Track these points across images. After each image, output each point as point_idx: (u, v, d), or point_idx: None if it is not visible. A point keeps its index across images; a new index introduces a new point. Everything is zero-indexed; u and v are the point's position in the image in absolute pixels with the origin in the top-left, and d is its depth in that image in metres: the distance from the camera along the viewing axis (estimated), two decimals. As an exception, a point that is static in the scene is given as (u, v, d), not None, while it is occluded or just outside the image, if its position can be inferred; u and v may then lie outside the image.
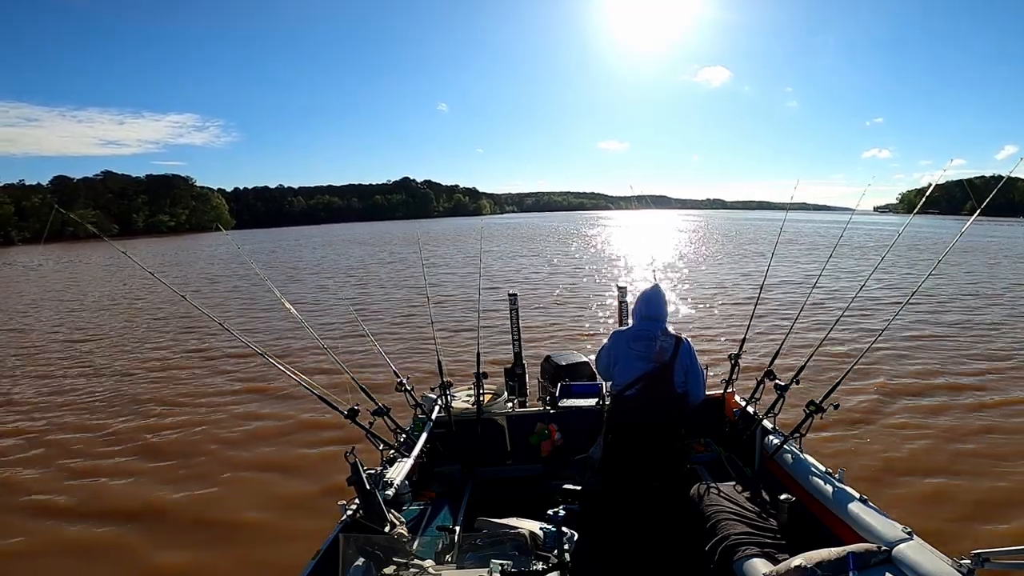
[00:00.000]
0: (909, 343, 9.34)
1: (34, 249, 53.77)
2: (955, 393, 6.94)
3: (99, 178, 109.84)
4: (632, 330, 2.92)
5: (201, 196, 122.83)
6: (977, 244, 32.18)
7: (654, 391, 2.75)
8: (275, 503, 4.77)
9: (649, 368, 2.75)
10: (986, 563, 1.68)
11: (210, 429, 6.41)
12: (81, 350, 10.66)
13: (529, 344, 5.98)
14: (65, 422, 6.78)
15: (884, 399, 6.69)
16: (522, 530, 2.05)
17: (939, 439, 5.61)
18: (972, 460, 5.18)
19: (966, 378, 7.52)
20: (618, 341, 2.91)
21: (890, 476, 4.93)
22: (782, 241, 26.32)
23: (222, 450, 5.86)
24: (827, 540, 2.12)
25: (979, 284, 16.67)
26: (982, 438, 5.62)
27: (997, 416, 6.16)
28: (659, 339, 2.79)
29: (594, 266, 23.60)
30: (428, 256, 27.83)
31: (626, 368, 2.80)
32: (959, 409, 6.38)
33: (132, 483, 5.22)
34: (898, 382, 7.34)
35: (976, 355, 8.65)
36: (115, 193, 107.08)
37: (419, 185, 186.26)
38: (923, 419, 6.11)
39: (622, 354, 2.84)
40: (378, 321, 12.32)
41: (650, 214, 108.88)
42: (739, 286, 16.63)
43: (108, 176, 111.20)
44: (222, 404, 7.25)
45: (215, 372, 8.76)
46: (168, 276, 24.68)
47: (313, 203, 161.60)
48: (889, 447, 5.45)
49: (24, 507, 4.82)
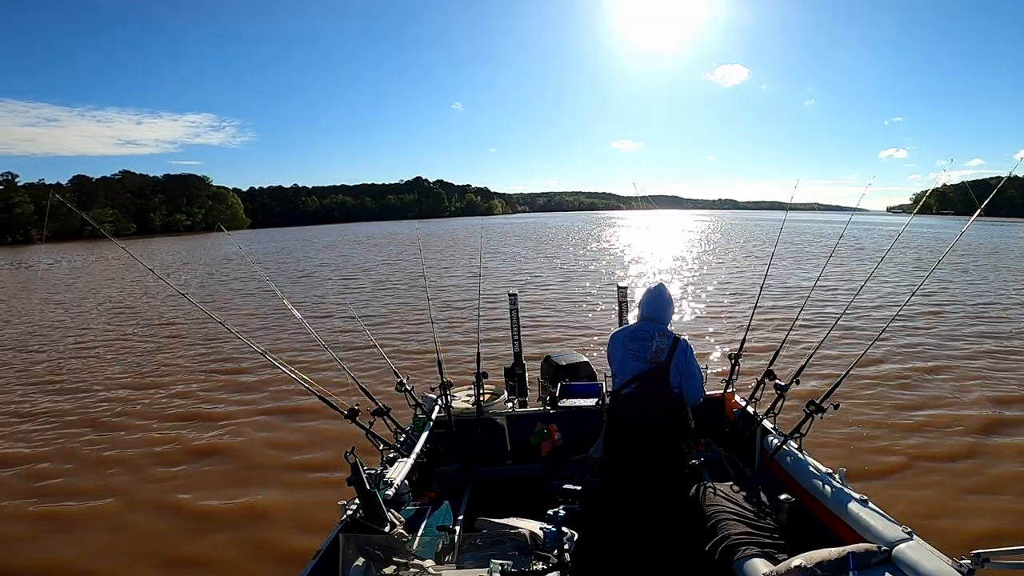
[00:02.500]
0: (910, 343, 9.34)
1: (52, 248, 53.80)
2: (956, 393, 6.93)
3: (117, 177, 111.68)
4: (629, 329, 2.92)
5: (217, 195, 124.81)
6: (1002, 245, 31.88)
7: (649, 391, 2.73)
8: (275, 503, 4.77)
9: (644, 368, 2.73)
10: (986, 563, 1.68)
11: (210, 428, 6.41)
12: (82, 345, 10.66)
13: (531, 344, 5.98)
14: (64, 414, 6.80)
15: (884, 399, 6.69)
16: (522, 530, 2.05)
17: (940, 439, 5.61)
18: (973, 460, 5.18)
19: (967, 378, 7.51)
20: (615, 341, 2.91)
21: (890, 476, 4.93)
22: (790, 242, 26.07)
23: (221, 449, 5.86)
24: (827, 540, 2.12)
25: (983, 285, 16.67)
26: (983, 438, 5.62)
27: (998, 416, 6.16)
28: (656, 339, 2.77)
29: (602, 266, 23.60)
30: (430, 256, 27.84)
31: (622, 367, 2.80)
32: (960, 409, 6.38)
33: (132, 482, 5.22)
34: (898, 382, 7.34)
35: (977, 355, 8.65)
36: (133, 192, 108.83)
37: (431, 185, 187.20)
38: (923, 419, 6.11)
39: (618, 353, 2.84)
40: (378, 321, 12.32)
41: (662, 214, 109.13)
42: (740, 286, 16.63)
43: (126, 175, 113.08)
44: (222, 403, 7.25)
45: (215, 371, 8.76)
46: (177, 275, 24.82)
47: (327, 202, 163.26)
48: (889, 447, 5.45)
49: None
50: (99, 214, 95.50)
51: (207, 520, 4.55)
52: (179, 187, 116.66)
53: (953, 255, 24.15)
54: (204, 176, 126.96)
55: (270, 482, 5.14)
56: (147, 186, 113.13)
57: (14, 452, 5.97)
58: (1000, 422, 6.00)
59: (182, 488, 5.08)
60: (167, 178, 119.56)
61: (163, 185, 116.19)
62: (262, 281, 17.55)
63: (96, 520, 4.61)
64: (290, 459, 5.57)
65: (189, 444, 6.02)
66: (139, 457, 5.76)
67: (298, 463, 5.47)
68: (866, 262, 22.26)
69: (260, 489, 5.01)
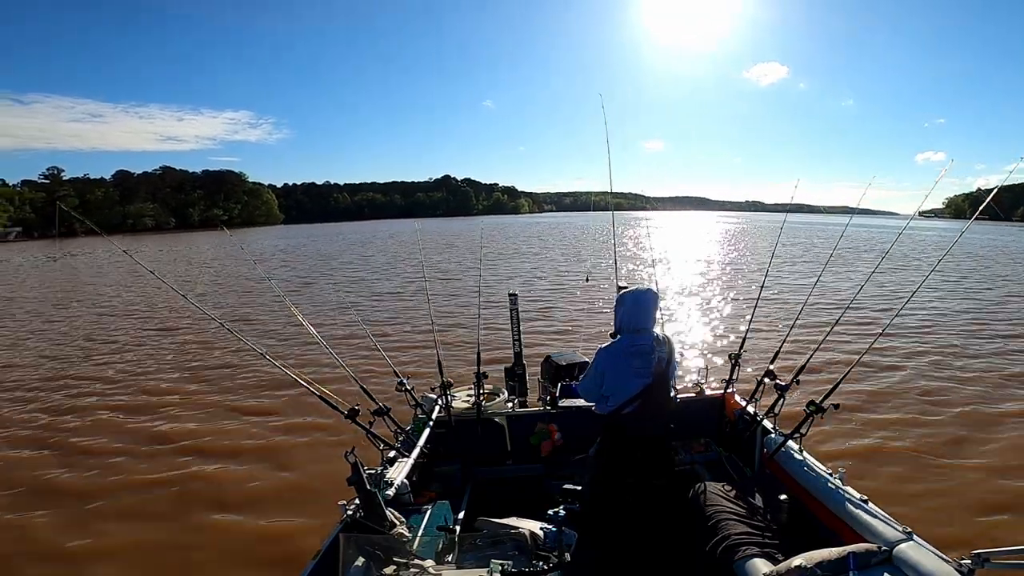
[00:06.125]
0: (910, 343, 9.34)
1: (96, 241, 54.10)
2: (957, 393, 6.93)
3: (158, 173, 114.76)
4: (623, 345, 2.63)
5: (253, 191, 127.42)
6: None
7: (653, 402, 2.63)
8: (275, 503, 4.77)
9: (649, 382, 2.59)
10: (986, 563, 1.68)
11: (209, 427, 6.41)
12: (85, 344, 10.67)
13: (530, 344, 5.97)
14: (61, 408, 6.80)
15: (884, 399, 6.69)
16: (522, 530, 2.05)
17: (940, 439, 5.61)
18: (973, 460, 5.18)
19: (968, 378, 7.52)
20: (609, 359, 2.64)
21: (890, 476, 4.93)
22: (793, 244, 25.88)
23: (221, 449, 5.85)
24: (827, 540, 2.12)
25: (987, 286, 16.67)
26: (984, 438, 5.62)
27: (999, 416, 6.16)
28: (656, 350, 2.61)
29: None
30: (435, 256, 27.84)
31: (623, 385, 2.59)
32: (960, 408, 6.38)
33: (129, 480, 5.22)
34: (899, 382, 7.34)
35: (979, 354, 8.65)
36: (173, 188, 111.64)
37: (459, 183, 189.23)
38: (924, 419, 6.11)
39: (617, 372, 2.60)
40: (379, 321, 12.33)
41: (688, 215, 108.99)
42: (740, 287, 16.63)
43: (167, 171, 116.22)
44: (221, 402, 7.25)
45: (215, 371, 8.75)
46: (203, 271, 24.80)
47: (358, 199, 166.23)
48: (889, 447, 5.45)
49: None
50: (140, 208, 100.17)
51: (204, 520, 4.54)
52: (217, 183, 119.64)
53: (974, 259, 24.14)
54: (241, 172, 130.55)
55: (270, 482, 5.14)
56: (187, 182, 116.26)
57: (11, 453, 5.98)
58: (1002, 422, 6.00)
59: (178, 486, 5.08)
60: (205, 174, 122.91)
61: (202, 181, 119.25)
62: (263, 280, 17.53)
63: (96, 521, 4.61)
64: (290, 459, 5.57)
65: (188, 443, 6.02)
66: (133, 455, 5.76)
67: (298, 463, 5.47)
68: (884, 267, 22.24)
69: (259, 489, 5.01)
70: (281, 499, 4.83)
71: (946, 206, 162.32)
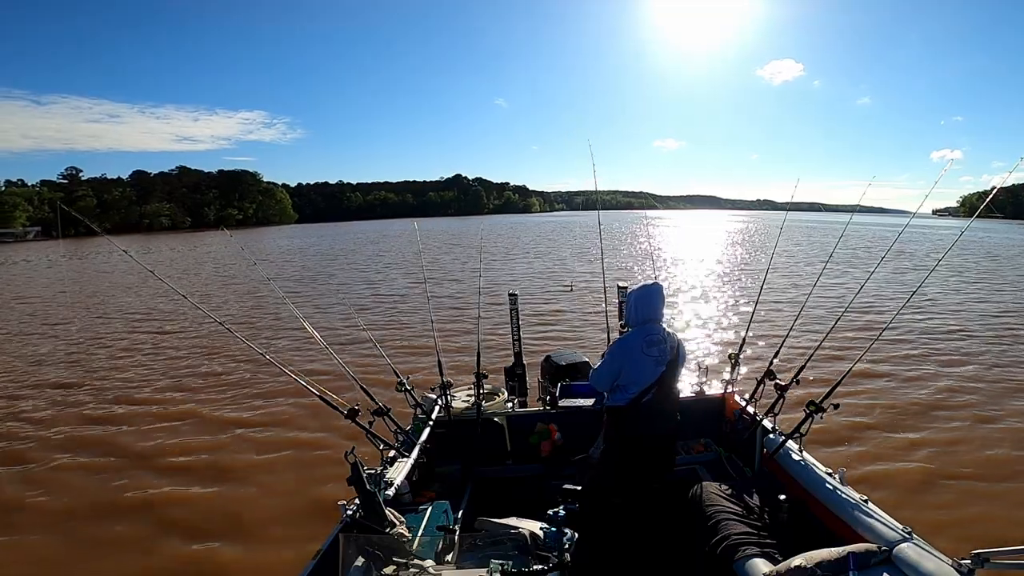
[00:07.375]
0: (910, 343, 9.34)
1: (114, 240, 54.20)
2: (957, 392, 6.93)
3: (174, 173, 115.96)
4: (640, 336, 2.75)
5: (267, 191, 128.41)
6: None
7: (667, 390, 2.75)
8: (275, 503, 4.77)
9: (662, 370, 2.71)
10: (986, 563, 1.68)
11: (209, 427, 6.41)
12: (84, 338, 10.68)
13: (530, 344, 5.97)
14: (60, 405, 6.80)
15: (884, 399, 6.69)
16: (522, 530, 2.05)
17: (940, 439, 5.61)
18: (973, 460, 5.17)
19: (968, 379, 7.51)
20: (628, 350, 2.74)
21: (890, 476, 4.93)
22: (800, 243, 25.59)
23: (221, 449, 5.85)
24: (827, 540, 2.12)
25: (988, 287, 16.65)
26: (983, 438, 5.61)
27: (998, 416, 6.16)
28: (667, 339, 2.76)
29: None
30: (436, 255, 27.83)
31: (640, 375, 2.68)
32: (960, 408, 6.38)
33: (128, 479, 5.23)
34: (898, 382, 7.33)
35: (979, 354, 8.64)
36: (189, 187, 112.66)
37: (470, 182, 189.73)
38: (924, 419, 6.11)
39: (635, 362, 2.70)
40: (379, 321, 12.32)
41: (699, 214, 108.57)
42: (742, 285, 16.62)
43: (183, 171, 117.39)
44: (221, 402, 7.25)
45: (215, 369, 8.75)
46: (200, 270, 24.80)
47: (370, 199, 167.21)
48: (889, 447, 5.45)
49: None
50: (156, 208, 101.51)
51: (204, 520, 4.55)
52: (232, 182, 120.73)
53: (991, 260, 24.07)
54: (255, 172, 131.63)
55: (269, 482, 5.14)
56: (202, 181, 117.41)
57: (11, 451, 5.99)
58: (1002, 421, 6.00)
59: (177, 487, 5.08)
60: (220, 174, 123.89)
61: (217, 180, 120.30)
62: (264, 281, 17.53)
63: (92, 520, 4.62)
64: (290, 459, 5.57)
65: (187, 443, 6.02)
66: (131, 455, 5.76)
67: (298, 463, 5.47)
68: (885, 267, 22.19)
69: (259, 489, 5.01)
70: (280, 499, 4.82)
71: (960, 204, 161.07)
